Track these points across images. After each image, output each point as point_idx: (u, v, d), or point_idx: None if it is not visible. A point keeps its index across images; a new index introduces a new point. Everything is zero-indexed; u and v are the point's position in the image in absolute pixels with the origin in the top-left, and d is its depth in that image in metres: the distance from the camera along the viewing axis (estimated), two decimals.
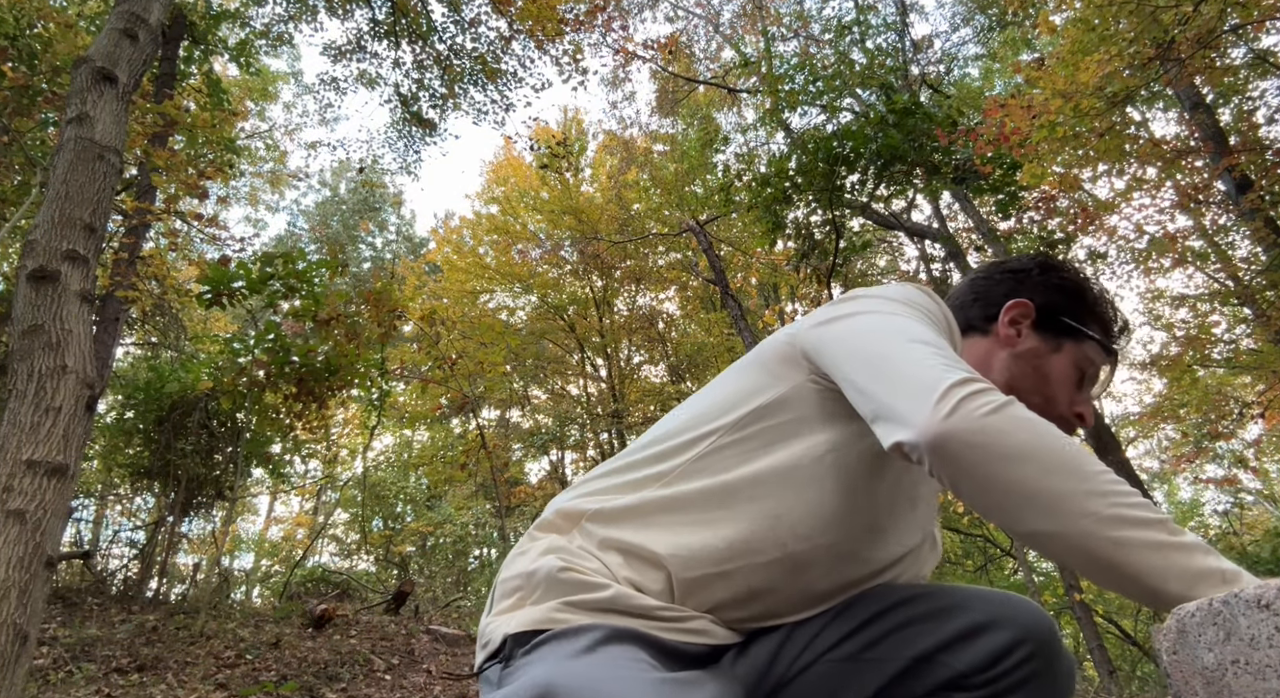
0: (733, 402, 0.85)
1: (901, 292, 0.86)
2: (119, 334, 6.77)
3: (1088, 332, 0.93)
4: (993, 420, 0.62)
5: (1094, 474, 0.61)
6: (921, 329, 0.76)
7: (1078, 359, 0.93)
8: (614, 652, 0.69)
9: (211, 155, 7.17)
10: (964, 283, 1.03)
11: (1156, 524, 0.60)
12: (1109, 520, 0.59)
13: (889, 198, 7.78)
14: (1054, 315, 0.94)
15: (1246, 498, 12.65)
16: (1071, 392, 0.92)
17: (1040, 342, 0.93)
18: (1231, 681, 0.51)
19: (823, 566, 0.82)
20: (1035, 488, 0.61)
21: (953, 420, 0.62)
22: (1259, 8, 4.62)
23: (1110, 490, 0.61)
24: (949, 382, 0.65)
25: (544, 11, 7.61)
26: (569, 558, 0.78)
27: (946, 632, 0.78)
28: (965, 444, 0.62)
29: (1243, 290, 7.59)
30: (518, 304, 14.33)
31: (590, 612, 0.74)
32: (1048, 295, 0.95)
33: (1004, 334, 0.94)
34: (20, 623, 1.92)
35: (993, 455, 0.62)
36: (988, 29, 11.04)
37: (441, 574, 12.11)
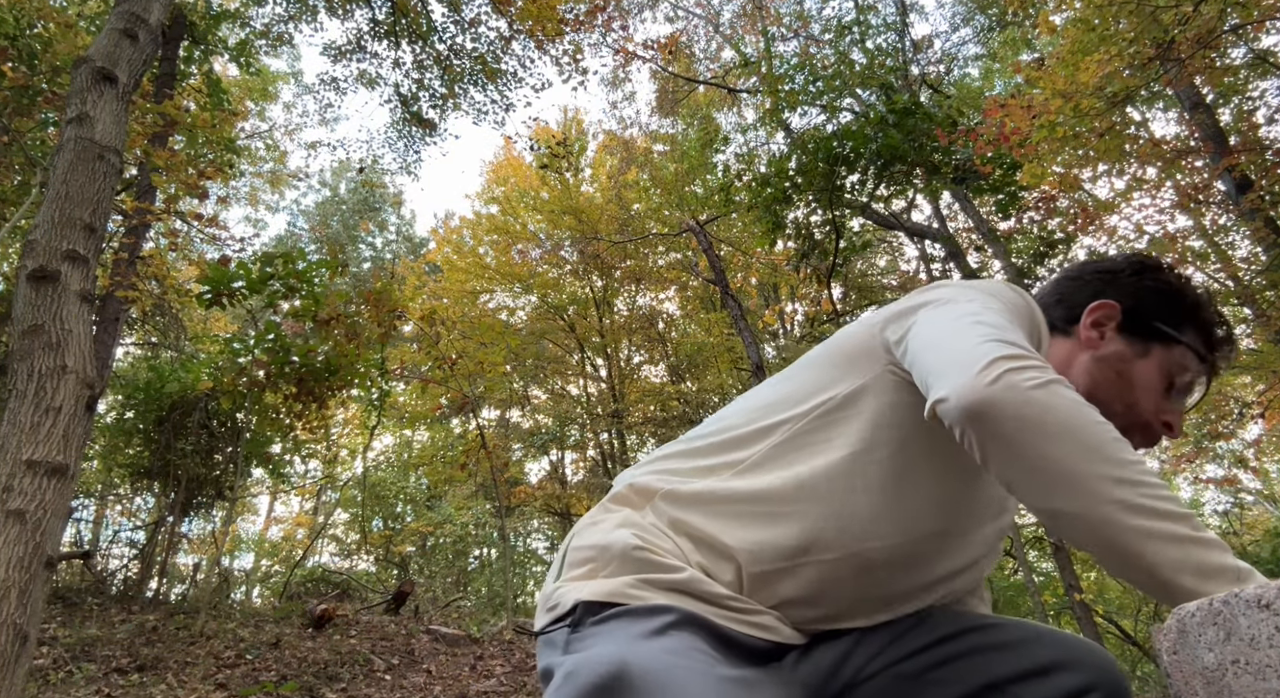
0: (808, 391, 0.84)
1: (988, 285, 0.85)
2: (119, 334, 6.78)
3: (1179, 337, 0.88)
4: (1037, 394, 0.63)
5: (1127, 462, 0.61)
6: (995, 316, 0.75)
7: (1167, 365, 0.88)
8: (684, 639, 0.69)
9: (211, 155, 7.17)
10: (1051, 282, 1.00)
11: (1180, 518, 0.60)
12: (1134, 509, 0.60)
13: (889, 198, 7.78)
14: (1143, 319, 0.90)
15: (1246, 498, 12.65)
16: (1158, 399, 0.88)
17: (1126, 346, 0.89)
18: (1231, 681, 0.51)
19: (891, 567, 0.81)
20: (1066, 467, 0.61)
21: (995, 388, 0.63)
22: (1259, 8, 4.62)
23: (1140, 480, 0.61)
24: (999, 353, 0.66)
25: (544, 11, 7.61)
26: (644, 536, 0.78)
27: (1021, 665, 0.78)
28: (1004, 413, 0.62)
29: (1243, 290, 7.58)
30: (518, 304, 14.34)
31: (664, 592, 0.74)
32: (1138, 298, 0.91)
33: (1085, 336, 0.91)
34: (20, 623, 1.92)
35: (1029, 427, 0.62)
36: (988, 29, 11.04)
37: (441, 574, 12.12)
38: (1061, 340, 0.92)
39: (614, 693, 0.61)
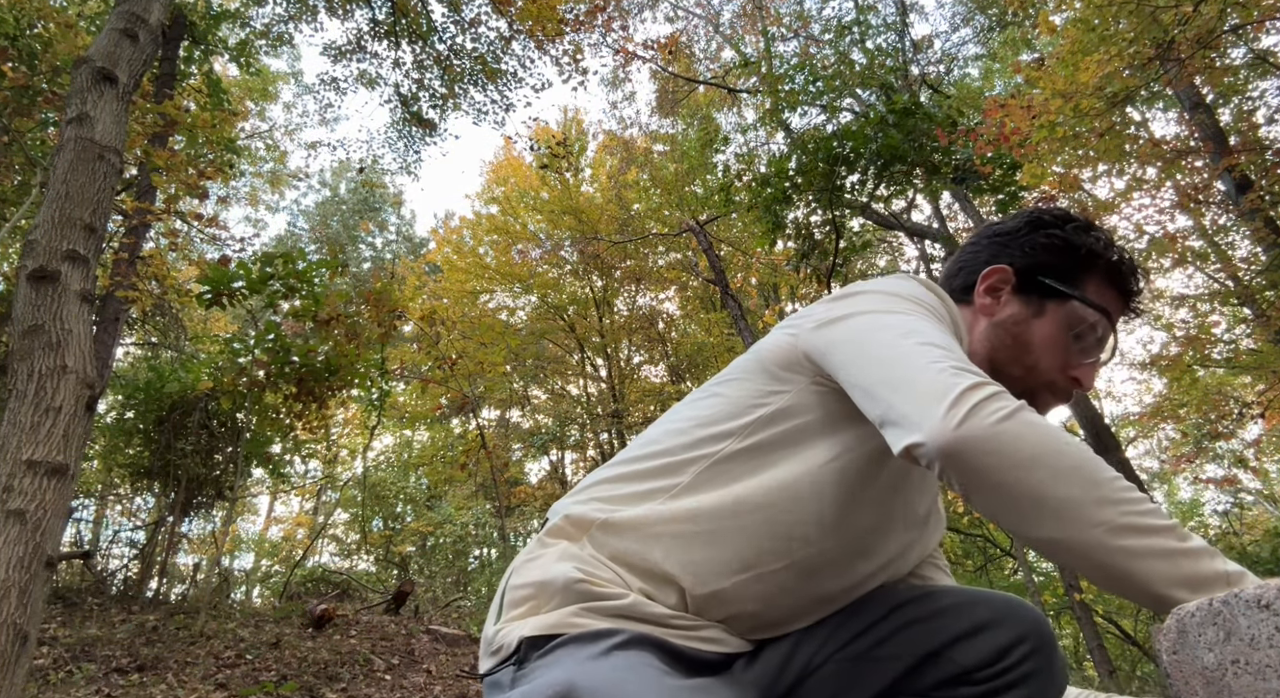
0: (737, 408, 0.84)
1: (902, 286, 0.83)
2: (119, 334, 6.78)
3: (1071, 292, 0.87)
4: (1005, 427, 0.62)
5: (1104, 481, 0.61)
6: (927, 328, 0.75)
7: (1065, 321, 0.87)
8: (632, 656, 0.69)
9: (211, 155, 7.17)
10: (954, 253, 1.00)
11: (1165, 531, 0.60)
12: (1118, 529, 0.59)
13: (889, 198, 7.78)
14: (1034, 277, 0.89)
15: (1246, 498, 12.65)
16: (1061, 357, 0.87)
17: (1020, 307, 0.88)
18: (1231, 681, 0.51)
19: (832, 568, 0.82)
20: (1046, 495, 0.60)
21: (965, 428, 0.62)
22: (1259, 8, 4.62)
23: (1120, 499, 0.60)
24: (960, 387, 0.64)
25: (544, 11, 7.61)
26: (584, 568, 0.78)
27: (953, 630, 0.80)
28: (977, 451, 0.61)
29: (1243, 290, 7.58)
30: (518, 304, 14.34)
31: (608, 617, 0.74)
32: (1031, 256, 0.90)
33: (980, 304, 0.90)
34: (20, 623, 1.92)
35: (1005, 463, 0.61)
36: (988, 29, 11.04)
37: (441, 574, 12.12)
38: (964, 310, 0.92)
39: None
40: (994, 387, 0.65)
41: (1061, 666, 0.80)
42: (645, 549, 0.79)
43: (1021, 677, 0.77)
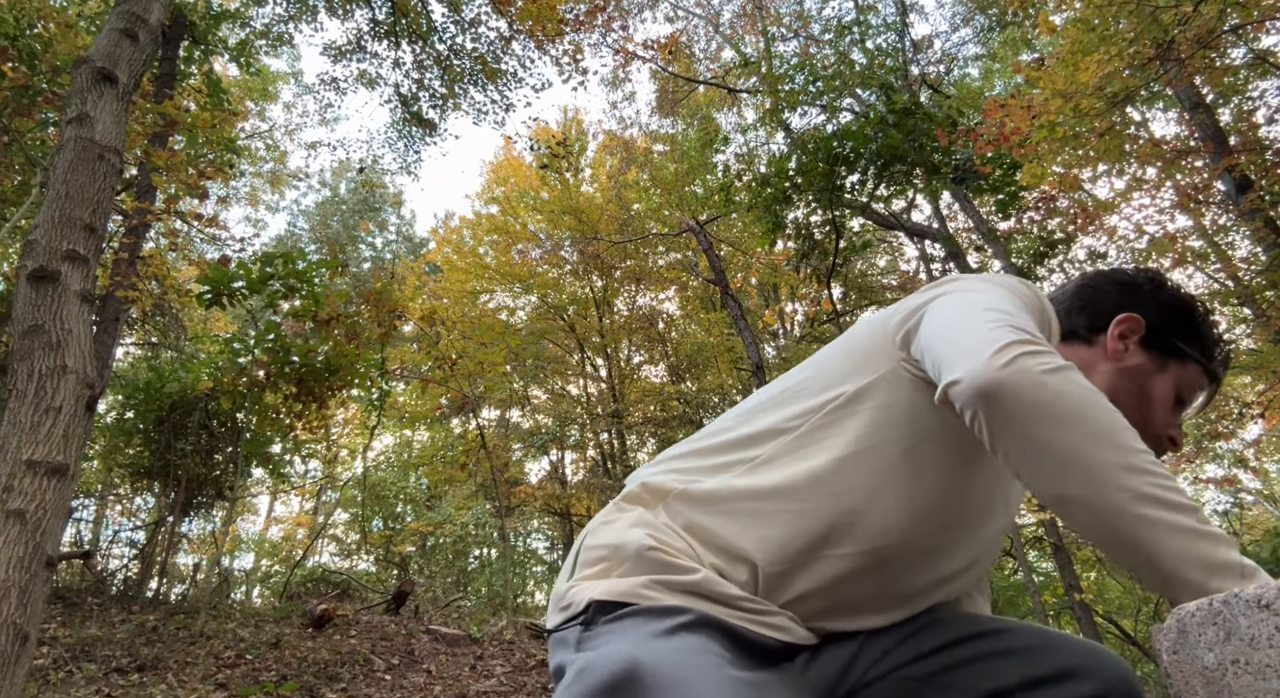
0: (820, 387, 0.85)
1: (998, 277, 0.85)
2: (119, 334, 6.77)
3: (1194, 355, 0.91)
4: (1050, 379, 0.63)
5: (1137, 451, 0.62)
6: (1005, 304, 0.76)
7: (1180, 381, 0.90)
8: (696, 640, 0.69)
9: (211, 155, 7.17)
10: (1070, 287, 1.00)
11: (1188, 510, 0.60)
12: (1142, 498, 0.60)
13: (889, 198, 7.78)
14: (1163, 335, 0.91)
15: (1246, 498, 12.65)
16: (1168, 413, 0.90)
17: (1147, 359, 0.90)
18: (1232, 681, 0.51)
19: (904, 561, 0.81)
20: (1076, 452, 0.61)
21: (1007, 371, 0.63)
22: (1259, 8, 4.62)
23: (1149, 469, 0.61)
24: (1012, 338, 0.66)
25: (544, 11, 7.61)
26: (658, 536, 0.78)
27: (1029, 672, 0.77)
28: (1016, 396, 0.63)
29: (1243, 290, 7.58)
30: (518, 304, 14.34)
31: (677, 593, 0.74)
32: (1159, 313, 0.92)
33: (1112, 348, 0.92)
34: (20, 623, 1.92)
35: (1041, 412, 0.62)
36: (988, 29, 11.04)
37: (441, 574, 12.13)
38: (1083, 348, 0.93)
39: (625, 691, 0.62)
40: (1046, 346, 0.66)
41: None
42: (720, 523, 0.79)
43: None
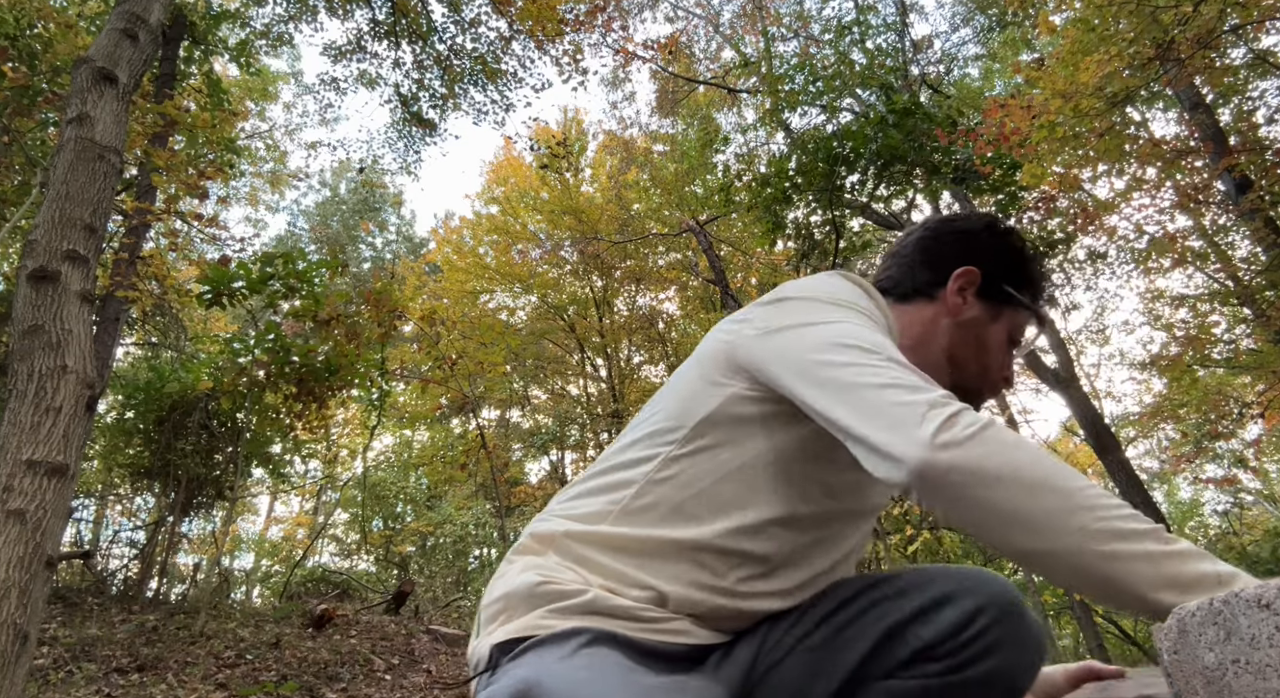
0: (679, 415, 0.86)
1: (835, 289, 0.85)
2: (119, 334, 6.77)
3: (1025, 302, 0.94)
4: (973, 447, 0.63)
5: (1078, 490, 0.61)
6: (868, 335, 0.76)
7: (1012, 326, 0.95)
8: (598, 654, 0.70)
9: (212, 155, 7.17)
10: (912, 240, 1.00)
11: (1147, 535, 0.59)
12: (1098, 535, 0.59)
13: (889, 198, 7.78)
14: (997, 283, 0.94)
15: (1246, 498, 12.65)
16: (1004, 357, 0.94)
17: (982, 310, 0.94)
18: (1232, 680, 0.51)
19: (798, 560, 0.84)
20: (1022, 509, 0.61)
21: (935, 453, 0.63)
22: (1259, 8, 4.63)
23: (1096, 504, 0.60)
24: (924, 411, 0.65)
25: (544, 12, 7.61)
26: (546, 572, 0.80)
27: (912, 606, 0.78)
28: (950, 474, 0.62)
29: (1243, 290, 7.58)
30: (518, 304, 14.34)
31: (573, 616, 0.75)
32: (995, 261, 0.95)
33: (951, 303, 0.94)
34: (20, 623, 1.92)
35: (978, 481, 0.62)
36: (988, 29, 11.04)
37: (441, 574, 12.12)
38: (925, 305, 0.95)
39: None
40: (954, 405, 0.66)
41: (1034, 634, 0.77)
42: (605, 558, 0.81)
43: (986, 648, 0.74)
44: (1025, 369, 9.70)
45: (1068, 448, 13.25)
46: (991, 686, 0.74)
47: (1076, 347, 12.57)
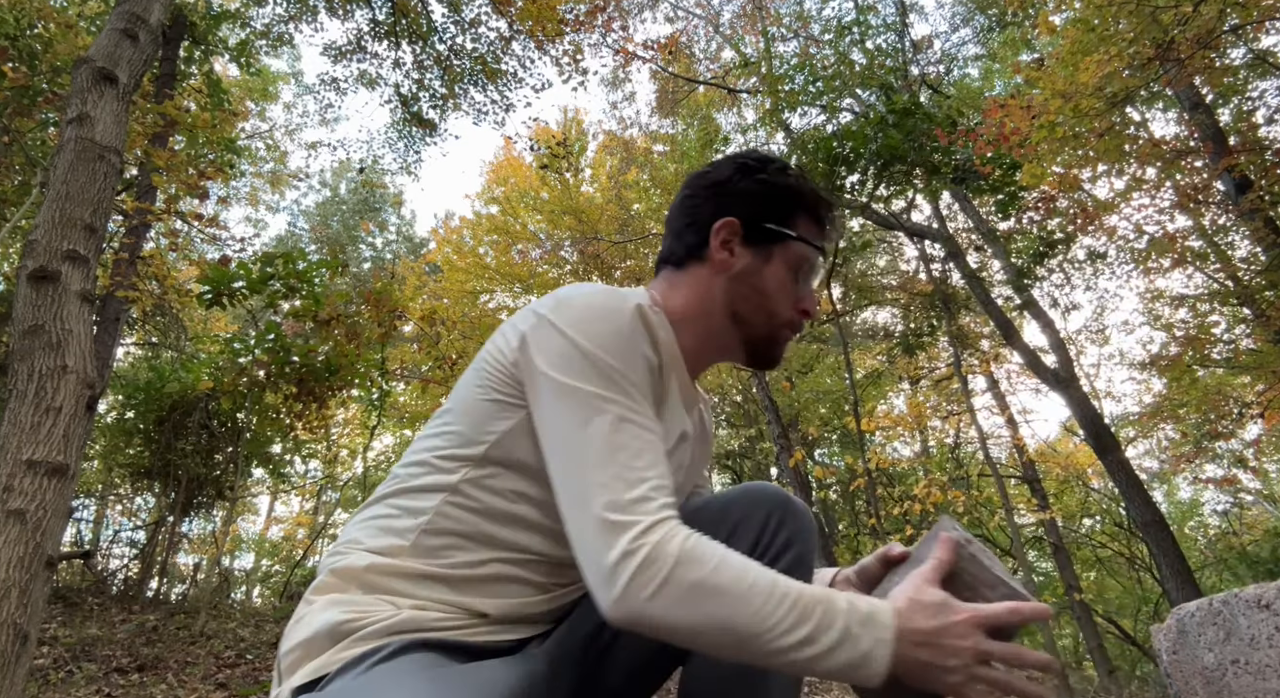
0: (470, 435, 0.83)
1: (603, 345, 0.77)
2: (119, 334, 6.77)
3: (791, 234, 0.92)
4: (655, 605, 0.66)
5: (752, 619, 0.65)
6: (613, 438, 0.73)
7: (790, 261, 0.92)
8: (396, 664, 0.69)
9: (212, 155, 7.17)
10: (677, 202, 0.98)
11: (809, 641, 0.65)
12: (779, 654, 0.65)
13: (889, 198, 7.79)
14: (760, 224, 0.92)
15: (1246, 498, 12.65)
16: (790, 294, 0.93)
17: (752, 257, 0.92)
18: (1231, 680, 0.51)
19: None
20: (706, 646, 0.68)
21: (620, 608, 0.67)
22: (1259, 8, 4.63)
23: (767, 629, 0.65)
24: (615, 559, 0.67)
25: (544, 12, 7.61)
26: (351, 608, 0.76)
27: (722, 534, 0.82)
28: (638, 626, 0.68)
29: (1242, 290, 7.59)
30: (518, 304, 14.32)
31: (377, 639, 0.73)
32: (750, 204, 0.92)
33: (718, 260, 0.92)
34: (20, 623, 1.92)
35: (665, 632, 0.68)
36: (988, 29, 11.04)
37: None
38: (698, 268, 0.93)
39: None
40: (644, 546, 0.67)
41: (810, 519, 0.89)
42: (417, 588, 0.79)
43: (786, 541, 0.85)
44: (1025, 369, 9.70)
45: (1068, 448, 13.25)
46: (796, 569, 0.82)
47: (1076, 347, 12.57)
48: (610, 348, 0.77)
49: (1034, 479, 10.05)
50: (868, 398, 12.14)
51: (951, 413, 12.04)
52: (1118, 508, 11.13)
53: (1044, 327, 9.04)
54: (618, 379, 0.76)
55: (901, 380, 13.18)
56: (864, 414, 10.46)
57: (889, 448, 13.66)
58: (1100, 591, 12.65)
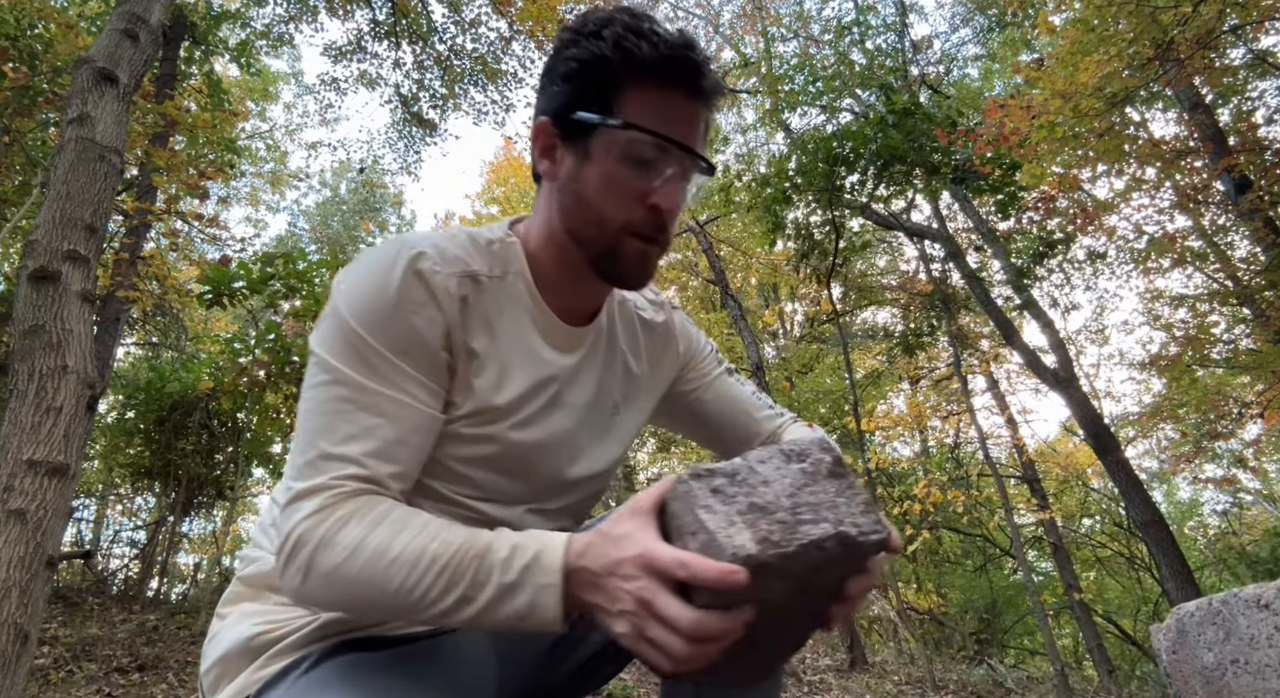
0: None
1: (358, 315, 0.71)
2: (120, 334, 6.78)
3: (604, 119, 0.72)
4: (308, 592, 0.66)
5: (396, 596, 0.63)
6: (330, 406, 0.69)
7: (619, 152, 0.73)
8: (319, 672, 0.68)
9: (212, 155, 7.17)
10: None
11: (467, 600, 0.62)
12: (441, 618, 0.63)
13: (889, 198, 7.78)
14: (571, 119, 0.74)
15: (1246, 498, 12.65)
16: (628, 193, 0.73)
17: (572, 159, 0.76)
18: (1231, 680, 0.52)
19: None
20: (382, 617, 0.71)
21: (289, 592, 0.67)
22: (1258, 8, 4.63)
23: (415, 600, 0.62)
24: (280, 543, 0.66)
25: (544, 12, 7.61)
26: (263, 619, 0.74)
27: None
28: (311, 607, 0.70)
29: (1242, 290, 7.59)
30: None
31: (297, 650, 0.71)
32: (563, 94, 0.75)
33: (546, 171, 0.79)
34: (21, 623, 1.93)
35: (333, 610, 0.69)
36: (987, 29, 11.04)
37: None
38: (545, 184, 0.81)
39: None
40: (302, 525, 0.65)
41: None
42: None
43: None
44: (1025, 369, 9.71)
45: (1067, 448, 13.25)
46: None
47: (1076, 347, 12.58)
48: (365, 319, 0.71)
49: (1034, 479, 10.06)
50: (868, 398, 12.14)
51: (951, 413, 12.04)
52: (1117, 508, 11.13)
53: (1044, 327, 9.04)
54: (363, 350, 0.70)
55: (901, 380, 13.18)
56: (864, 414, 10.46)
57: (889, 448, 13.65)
58: (1100, 591, 12.65)
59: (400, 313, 0.71)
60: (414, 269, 0.72)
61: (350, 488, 0.66)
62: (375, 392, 0.69)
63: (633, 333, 0.92)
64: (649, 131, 0.72)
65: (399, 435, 0.69)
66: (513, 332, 0.79)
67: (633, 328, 0.92)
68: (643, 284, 0.80)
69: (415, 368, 0.72)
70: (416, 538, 0.63)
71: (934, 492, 8.88)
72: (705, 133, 0.77)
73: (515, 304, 0.80)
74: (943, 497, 8.96)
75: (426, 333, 0.72)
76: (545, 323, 0.82)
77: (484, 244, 0.80)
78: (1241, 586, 0.58)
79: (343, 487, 0.66)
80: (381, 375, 0.70)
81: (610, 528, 0.59)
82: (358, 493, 0.67)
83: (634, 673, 3.99)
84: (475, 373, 0.76)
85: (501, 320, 0.78)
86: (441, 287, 0.73)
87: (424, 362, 0.72)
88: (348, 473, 0.67)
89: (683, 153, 0.74)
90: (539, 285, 0.81)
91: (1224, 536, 12.67)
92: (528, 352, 0.80)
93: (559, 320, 0.82)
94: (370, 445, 0.68)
